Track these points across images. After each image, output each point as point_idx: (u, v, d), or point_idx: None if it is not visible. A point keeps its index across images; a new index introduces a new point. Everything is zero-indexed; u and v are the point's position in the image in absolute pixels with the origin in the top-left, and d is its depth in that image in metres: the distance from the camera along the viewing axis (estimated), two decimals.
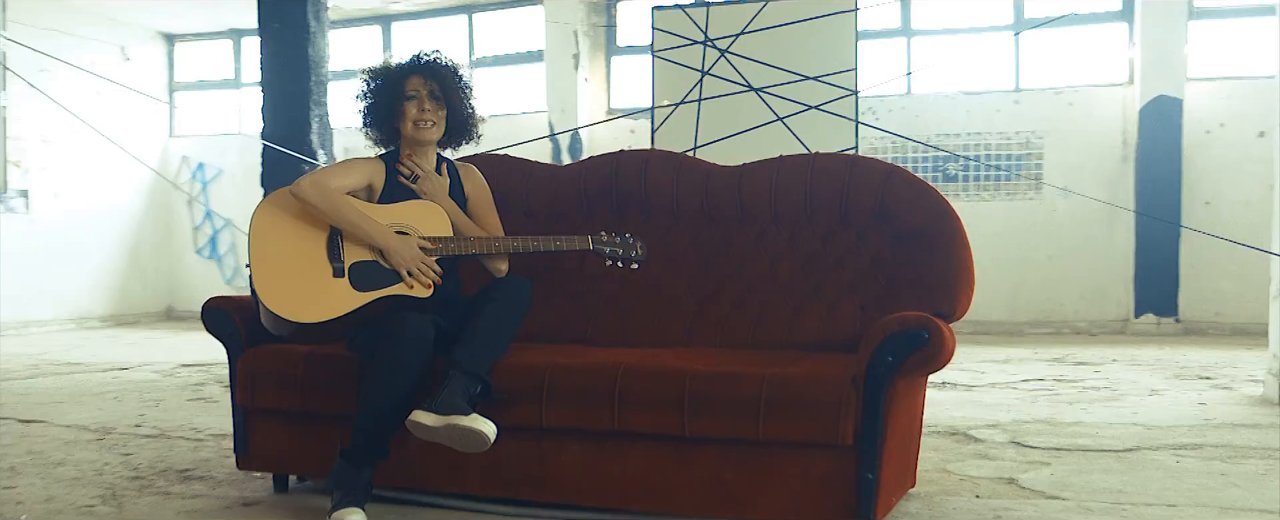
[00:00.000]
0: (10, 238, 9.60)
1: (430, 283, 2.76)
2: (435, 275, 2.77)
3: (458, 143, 3.04)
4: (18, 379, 5.88)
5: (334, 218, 2.75)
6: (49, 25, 10.17)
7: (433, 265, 2.77)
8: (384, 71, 2.97)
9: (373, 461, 2.65)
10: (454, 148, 3.07)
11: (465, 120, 3.00)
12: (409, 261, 2.75)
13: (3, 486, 3.06)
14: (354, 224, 2.75)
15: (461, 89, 2.97)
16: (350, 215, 2.75)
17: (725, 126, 5.14)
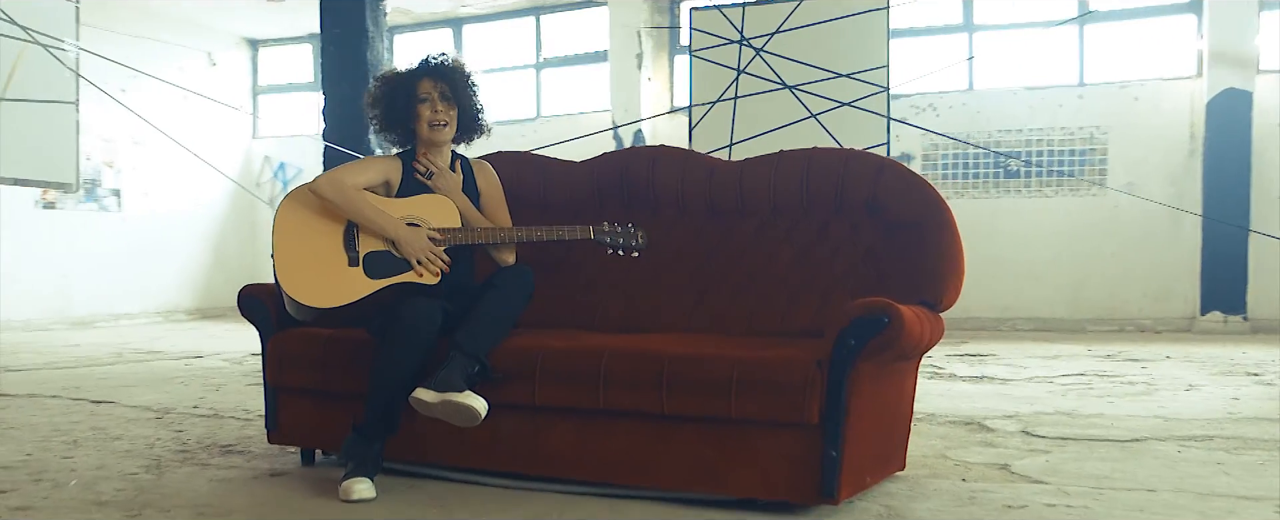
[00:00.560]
0: (104, 235, 10.17)
1: (438, 271, 2.96)
2: (443, 264, 2.97)
3: (469, 138, 3.23)
4: (100, 365, 6.29)
5: (349, 212, 2.96)
6: (139, 33, 10.75)
7: (440, 254, 2.97)
8: (396, 77, 3.16)
9: (383, 436, 2.86)
10: (466, 143, 3.26)
11: (475, 117, 3.19)
12: (418, 251, 2.95)
13: (62, 456, 3.35)
14: (367, 217, 2.96)
15: (470, 88, 3.16)
16: (364, 209, 2.96)
17: (760, 124, 5.25)
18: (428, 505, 2.67)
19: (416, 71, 3.15)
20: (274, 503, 2.73)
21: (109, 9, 10.25)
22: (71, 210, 9.95)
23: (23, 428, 3.92)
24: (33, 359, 6.68)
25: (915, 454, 3.34)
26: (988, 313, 9.24)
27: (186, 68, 11.39)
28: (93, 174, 10.18)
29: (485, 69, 11.35)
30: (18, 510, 2.64)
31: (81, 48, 4.73)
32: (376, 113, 3.17)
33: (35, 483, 2.96)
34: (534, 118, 11.03)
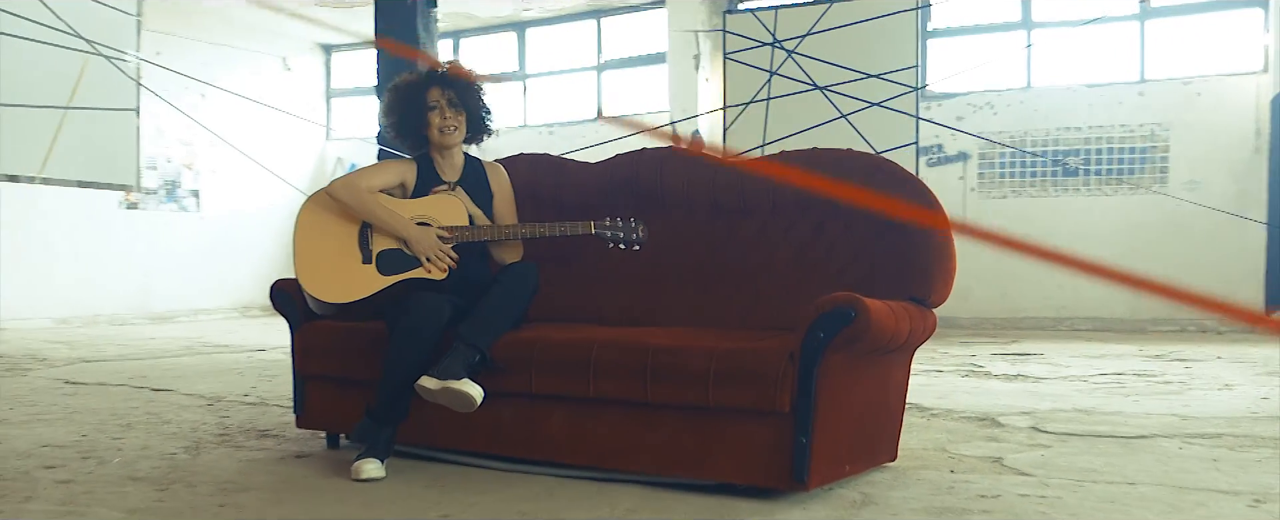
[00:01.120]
0: (183, 234, 10.65)
1: (446, 267, 3.14)
2: (451, 260, 3.15)
3: (477, 140, 3.41)
4: (169, 357, 6.64)
5: (362, 213, 3.16)
6: (218, 40, 11.24)
7: (449, 251, 3.15)
8: (406, 87, 3.35)
9: (393, 421, 3.05)
10: (476, 144, 3.44)
11: (482, 120, 3.37)
12: (428, 249, 3.14)
13: (113, 437, 3.62)
14: (379, 218, 3.16)
15: (475, 93, 3.34)
16: (376, 210, 3.16)
17: (792, 124, 5.36)
18: (430, 486, 2.85)
19: (425, 81, 3.33)
20: (291, 481, 2.93)
21: (189, 18, 10.75)
22: (153, 211, 10.45)
23: (84, 412, 4.22)
24: (110, 351, 7.08)
25: (914, 446, 3.43)
26: (1045, 312, 9.17)
27: (262, 72, 11.85)
28: (173, 176, 10.68)
29: (547, 71, 11.64)
30: (61, 483, 2.89)
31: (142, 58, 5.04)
32: (390, 121, 3.36)
33: (82, 460, 3.22)
34: (595, 119, 11.23)
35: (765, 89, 5.34)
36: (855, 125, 5.14)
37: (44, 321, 9.47)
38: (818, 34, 5.21)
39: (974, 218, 9.46)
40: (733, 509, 2.58)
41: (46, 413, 4.21)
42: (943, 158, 9.57)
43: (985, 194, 9.44)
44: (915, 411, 4.23)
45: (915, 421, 3.97)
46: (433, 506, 2.61)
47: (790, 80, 5.26)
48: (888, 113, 5.16)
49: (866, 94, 5.11)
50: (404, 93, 3.35)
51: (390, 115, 3.37)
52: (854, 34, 5.15)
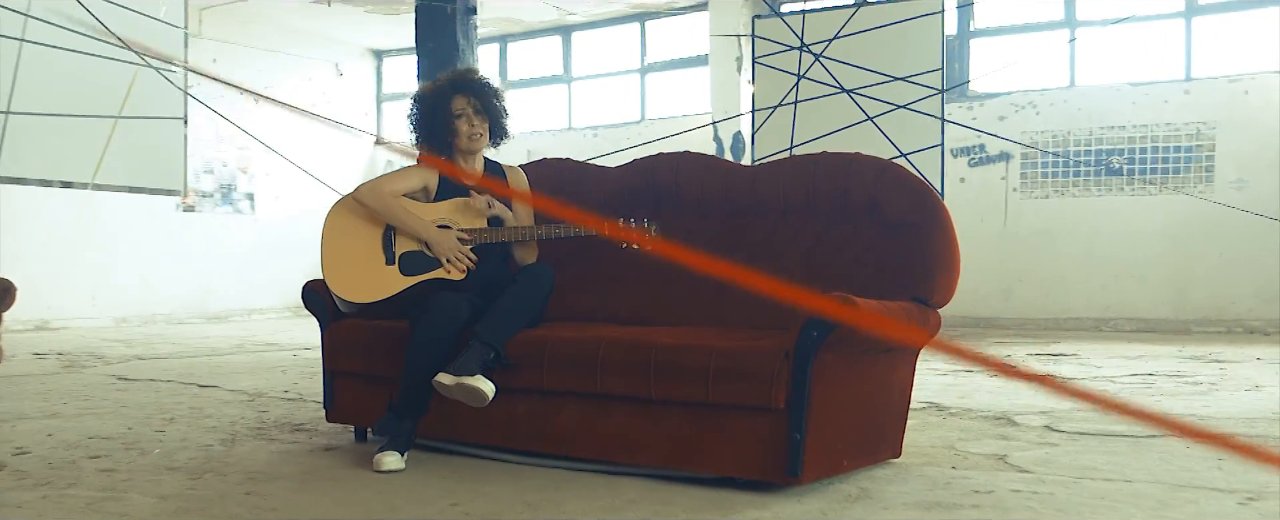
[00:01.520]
0: (238, 236, 10.97)
1: (465, 268, 3.28)
2: (470, 261, 3.29)
3: (496, 143, 3.55)
4: (219, 355, 6.89)
5: (386, 216, 3.32)
6: (273, 47, 11.56)
7: (467, 253, 3.29)
8: (432, 97, 3.49)
9: (414, 414, 3.19)
10: (494, 147, 3.58)
11: (502, 125, 3.51)
12: (447, 250, 3.28)
13: (156, 430, 3.81)
14: (402, 221, 3.31)
15: (497, 99, 3.48)
16: (399, 214, 3.31)
17: (820, 127, 5.43)
18: (446, 477, 2.99)
19: (449, 89, 3.47)
20: (316, 472, 3.09)
21: (245, 26, 11.07)
22: (209, 213, 10.78)
23: (133, 406, 4.44)
24: (164, 349, 7.36)
25: (923, 444, 3.50)
26: (1088, 313, 9.10)
27: (315, 78, 12.16)
28: (228, 180, 11.00)
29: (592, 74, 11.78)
30: (103, 471, 3.07)
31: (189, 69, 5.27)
32: (415, 128, 3.51)
33: (125, 450, 3.41)
34: (639, 120, 11.35)
35: (793, 92, 5.41)
36: (881, 128, 5.20)
37: (105, 321, 9.83)
38: (844, 38, 5.27)
39: (1016, 218, 9.43)
40: (730, 502, 2.68)
41: (97, 406, 4.44)
42: (984, 158, 9.54)
43: (1027, 194, 9.40)
44: (934, 410, 4.29)
45: (931, 420, 4.04)
46: (445, 496, 2.75)
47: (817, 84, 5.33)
48: (914, 115, 5.20)
49: (893, 97, 5.16)
50: (430, 101, 3.49)
51: (418, 123, 3.51)
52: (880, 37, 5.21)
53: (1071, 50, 9.32)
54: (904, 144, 5.10)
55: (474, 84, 3.47)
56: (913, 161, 5.08)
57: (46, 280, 9.35)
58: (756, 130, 5.55)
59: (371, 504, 2.67)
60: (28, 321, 9.14)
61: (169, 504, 2.68)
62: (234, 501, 2.70)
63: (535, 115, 12.25)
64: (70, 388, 5.11)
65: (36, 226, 9.35)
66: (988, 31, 9.70)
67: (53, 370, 5.96)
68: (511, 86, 12.37)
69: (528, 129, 12.15)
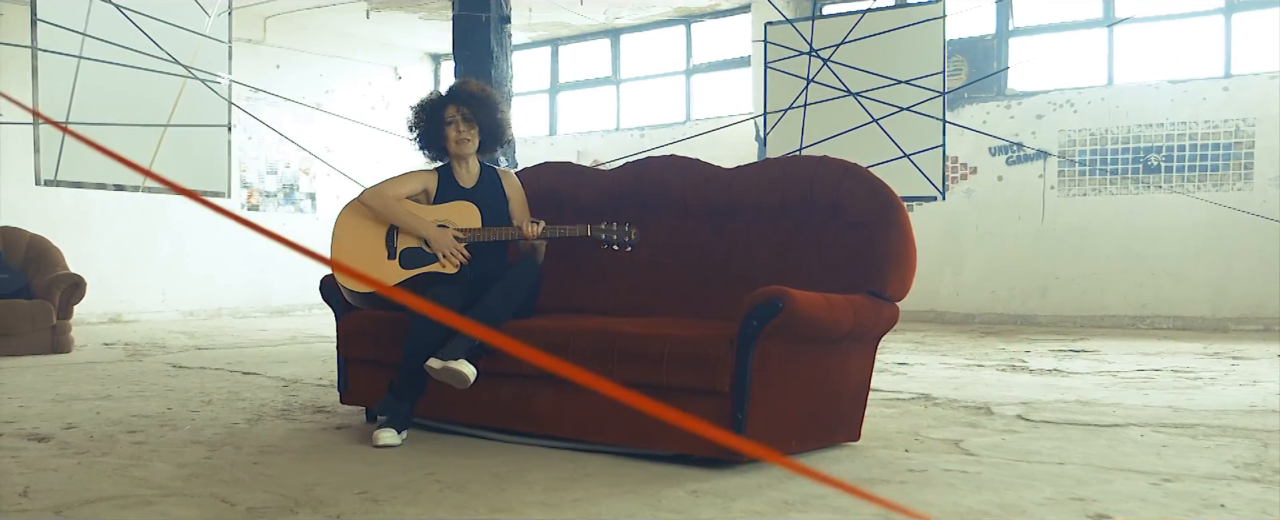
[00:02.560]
0: (300, 234, 11.48)
1: (458, 263, 3.59)
2: (463, 257, 3.60)
3: (492, 149, 3.85)
4: (270, 345, 7.33)
5: (389, 217, 3.64)
6: (333, 52, 12.06)
7: (461, 250, 3.60)
8: (428, 106, 3.80)
9: (411, 396, 3.51)
10: (490, 154, 3.88)
11: (496, 133, 3.81)
12: (444, 247, 3.60)
13: (192, 411, 4.20)
14: (403, 221, 3.63)
15: (489, 108, 3.78)
16: (400, 214, 3.64)
17: (827, 129, 5.64)
18: (434, 452, 3.30)
19: (444, 99, 3.78)
20: (321, 447, 3.43)
21: (306, 33, 11.59)
22: (272, 212, 11.32)
23: (178, 391, 4.85)
24: (222, 340, 7.84)
25: (890, 430, 3.72)
26: (1125, 310, 9.13)
27: (375, 82, 12.64)
28: (291, 180, 11.53)
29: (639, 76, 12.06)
30: (135, 444, 3.45)
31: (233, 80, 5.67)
32: (415, 135, 3.83)
33: (160, 427, 3.79)
34: (684, 121, 11.61)
35: (803, 96, 5.63)
36: (886, 130, 5.38)
37: (173, 315, 10.41)
38: (851, 42, 5.47)
39: (1053, 216, 9.48)
40: (679, 475, 2.95)
41: (147, 390, 4.85)
42: (1021, 156, 9.61)
43: (1065, 192, 9.45)
44: (921, 401, 4.50)
45: (913, 409, 4.25)
46: (425, 467, 3.06)
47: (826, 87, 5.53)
48: (916, 117, 5.38)
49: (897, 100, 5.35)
50: (427, 110, 3.81)
51: (414, 129, 3.83)
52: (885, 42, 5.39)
53: (1109, 48, 9.34)
54: (907, 145, 5.28)
55: (464, 95, 3.77)
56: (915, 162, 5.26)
57: (120, 277, 9.95)
58: (768, 132, 5.78)
59: (358, 473, 2.99)
60: (102, 315, 9.75)
61: (184, 470, 3.03)
62: (241, 470, 3.04)
63: (585, 116, 12.60)
64: (127, 374, 5.56)
65: (111, 227, 9.95)
66: (1026, 30, 9.76)
67: (117, 359, 6.44)
68: (562, 89, 12.73)
69: (578, 130, 12.49)
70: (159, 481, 2.88)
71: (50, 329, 6.69)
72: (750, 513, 2.51)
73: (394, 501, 2.63)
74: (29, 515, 2.50)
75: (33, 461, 3.17)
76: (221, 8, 5.41)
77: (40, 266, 7.02)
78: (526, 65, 13.01)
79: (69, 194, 9.25)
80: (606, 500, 2.65)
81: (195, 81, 5.35)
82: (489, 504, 2.60)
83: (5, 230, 7.20)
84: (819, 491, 2.73)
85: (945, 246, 9.94)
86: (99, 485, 2.83)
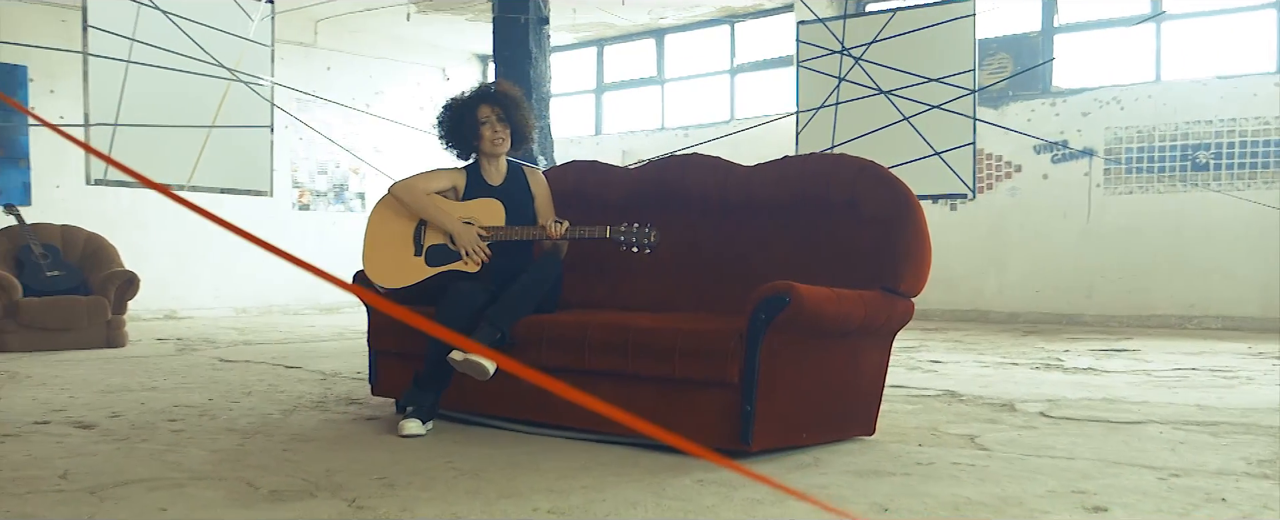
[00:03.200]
0: (349, 232, 11.70)
1: (479, 260, 3.69)
2: (485, 254, 3.70)
3: (519, 148, 3.95)
4: (317, 342, 7.52)
5: (418, 211, 3.76)
6: (384, 54, 12.29)
7: (483, 248, 3.70)
8: (460, 105, 3.91)
9: (436, 388, 3.62)
10: (516, 153, 3.98)
11: (524, 132, 3.91)
12: (468, 243, 3.70)
13: (232, 402, 4.36)
14: (431, 215, 3.74)
15: (521, 109, 3.87)
16: (429, 209, 3.75)
17: (858, 127, 5.66)
18: (456, 442, 3.41)
19: (476, 98, 3.88)
20: (349, 436, 3.55)
21: (357, 35, 11.83)
22: (322, 212, 11.57)
23: (221, 383, 5.02)
24: (271, 336, 8.05)
25: (908, 425, 3.75)
26: (1173, 310, 9.01)
27: (423, 82, 12.85)
28: (341, 180, 11.78)
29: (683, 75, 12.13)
30: (173, 431, 3.60)
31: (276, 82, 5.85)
32: (444, 133, 3.94)
33: (200, 417, 3.95)
34: (728, 119, 11.66)
35: (834, 94, 5.65)
36: (917, 127, 5.39)
37: (226, 311, 10.69)
38: (883, 41, 5.48)
39: (1099, 215, 9.38)
40: (687, 465, 3.01)
41: (191, 383, 5.03)
42: (1067, 154, 9.52)
43: (1111, 190, 9.34)
44: (945, 398, 4.52)
45: (936, 405, 4.27)
46: (445, 455, 3.16)
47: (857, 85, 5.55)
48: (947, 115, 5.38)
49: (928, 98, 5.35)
50: (459, 109, 3.92)
51: (445, 128, 3.94)
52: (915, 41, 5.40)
53: (1157, 44, 9.22)
54: (939, 143, 5.29)
55: (498, 95, 3.87)
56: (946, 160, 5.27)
57: (175, 274, 10.24)
58: (800, 131, 5.82)
59: (380, 460, 3.10)
60: (157, 311, 10.04)
61: (216, 456, 3.16)
62: (270, 456, 3.17)
63: (630, 116, 12.69)
64: (175, 367, 5.75)
65: (166, 226, 10.24)
66: (1071, 27, 9.66)
67: (167, 353, 6.65)
68: (607, 89, 12.84)
69: (623, 129, 12.59)
70: (191, 466, 3.01)
71: (105, 324, 6.93)
72: (751, 500, 2.57)
73: (409, 487, 2.73)
74: (65, 495, 2.64)
75: (75, 447, 3.32)
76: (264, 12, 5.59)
77: (96, 264, 7.27)
78: (572, 66, 13.15)
79: (126, 194, 9.56)
80: (613, 487, 2.73)
81: (239, 84, 5.53)
82: (500, 489, 2.69)
83: (64, 229, 7.46)
84: (820, 482, 2.78)
85: (989, 246, 9.88)
86: (134, 468, 2.97)
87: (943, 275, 10.01)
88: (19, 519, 2.39)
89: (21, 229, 7.15)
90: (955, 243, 9.84)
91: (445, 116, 3.95)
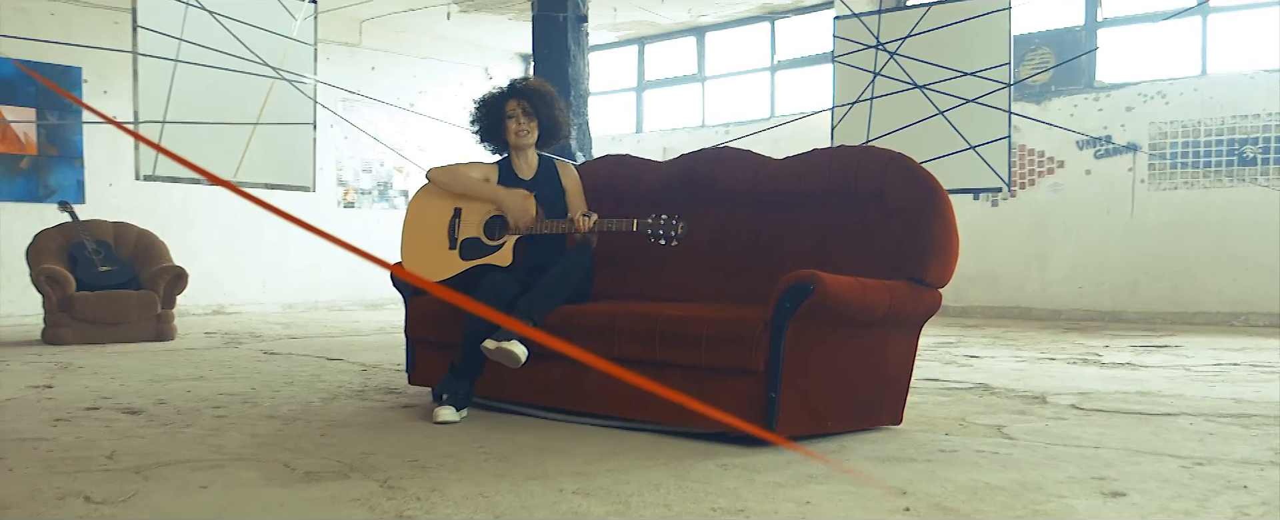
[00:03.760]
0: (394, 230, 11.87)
1: (529, 222, 3.75)
2: (531, 216, 3.76)
3: (551, 143, 4.02)
4: (360, 336, 7.66)
5: (459, 189, 3.86)
6: (428, 54, 12.45)
7: (530, 208, 3.76)
8: (489, 101, 3.99)
9: (470, 376, 3.71)
10: (549, 147, 4.05)
11: (554, 126, 3.98)
12: (514, 207, 3.77)
13: (274, 391, 4.47)
14: (475, 191, 3.84)
15: (548, 103, 3.95)
16: (468, 185, 3.85)
17: (893, 121, 5.67)
18: (489, 428, 3.49)
19: (504, 93, 3.97)
20: (385, 422, 3.64)
21: (402, 36, 12.00)
22: (367, 209, 11.75)
23: (266, 374, 5.15)
24: (315, 330, 8.21)
25: (937, 416, 3.78)
26: (1218, 307, 8.89)
27: (466, 81, 12.99)
28: (385, 178, 11.96)
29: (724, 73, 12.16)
30: (216, 417, 3.72)
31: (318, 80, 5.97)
32: (477, 129, 4.03)
33: (242, 404, 4.06)
34: (769, 116, 11.67)
35: (869, 89, 5.67)
36: (951, 122, 5.39)
37: (274, 307, 10.90)
38: (918, 35, 5.48)
39: (1142, 210, 9.28)
40: (712, 451, 3.07)
41: (237, 373, 5.16)
42: (1111, 149, 9.42)
43: (1155, 186, 9.23)
44: (979, 390, 4.52)
45: (966, 398, 4.28)
46: (477, 440, 3.24)
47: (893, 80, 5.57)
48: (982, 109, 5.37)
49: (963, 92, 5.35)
50: (488, 105, 4.00)
51: (476, 124, 4.02)
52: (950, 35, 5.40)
53: (1202, 37, 9.10)
54: (974, 137, 5.28)
55: (524, 89, 3.95)
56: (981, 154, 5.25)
57: (224, 271, 10.47)
58: (836, 126, 5.84)
59: (413, 444, 3.18)
60: (206, 306, 10.27)
61: (256, 440, 3.27)
62: (308, 440, 3.27)
63: (671, 114, 12.74)
64: (221, 359, 5.90)
65: (216, 223, 10.46)
66: (1115, 21, 9.56)
67: (214, 346, 6.82)
68: (648, 87, 12.91)
69: (664, 127, 12.65)
70: (231, 448, 3.12)
71: (155, 318, 7.12)
72: (772, 484, 2.62)
73: (440, 469, 2.81)
74: (111, 473, 2.75)
75: (122, 430, 3.45)
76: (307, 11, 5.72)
77: (147, 259, 7.47)
78: (613, 64, 13.22)
79: (177, 191, 9.78)
80: (638, 470, 2.79)
81: (283, 82, 5.67)
82: (527, 472, 2.77)
83: (116, 225, 7.67)
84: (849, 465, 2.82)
85: (1031, 242, 9.80)
86: (177, 450, 3.08)
87: (984, 272, 9.98)
88: (69, 495, 2.50)
89: (76, 226, 7.36)
90: (997, 239, 9.78)
91: (477, 113, 4.04)
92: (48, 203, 8.88)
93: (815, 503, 2.42)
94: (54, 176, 9.33)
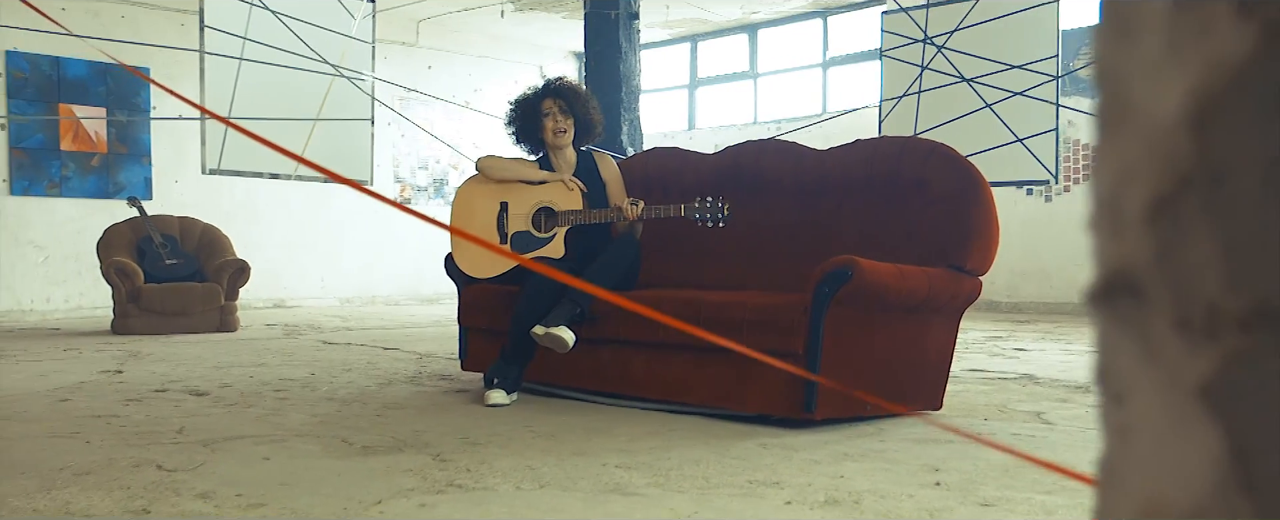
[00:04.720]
0: None
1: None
2: (580, 185, 3.88)
3: (586, 141, 4.13)
4: (416, 328, 7.84)
5: (508, 174, 3.99)
6: (484, 53, 12.65)
7: (577, 182, 3.89)
8: (526, 101, 4.11)
9: (520, 361, 3.83)
10: (585, 145, 4.16)
11: (589, 124, 4.09)
12: (564, 175, 3.90)
13: (332, 376, 4.64)
14: (525, 174, 3.97)
15: (583, 101, 4.06)
16: (516, 169, 3.98)
17: (941, 115, 5.70)
18: (538, 411, 3.60)
19: (540, 93, 4.08)
20: (437, 405, 3.78)
21: (457, 35, 12.21)
22: (423, 205, 11.96)
23: (324, 362, 5.32)
24: (372, 323, 8.41)
25: (979, 403, 3.82)
26: None
27: (521, 80, 13.16)
28: (441, 174, 12.17)
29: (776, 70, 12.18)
30: (278, 399, 3.88)
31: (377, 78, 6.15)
32: (513, 129, 4.14)
33: (302, 389, 4.23)
34: (820, 113, 11.69)
35: (917, 83, 5.69)
36: (999, 115, 5.40)
37: (332, 301, 11.15)
38: (965, 29, 5.50)
39: None
40: (754, 432, 3.15)
41: (296, 360, 5.34)
42: None
43: None
44: (1024, 380, 4.55)
45: (1010, 386, 4.31)
46: (525, 421, 3.36)
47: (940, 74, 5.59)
48: (1030, 101, 5.37)
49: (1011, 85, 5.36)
50: (524, 105, 4.12)
51: (513, 124, 4.14)
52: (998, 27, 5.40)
53: None
54: (1021, 130, 5.29)
55: (559, 88, 4.07)
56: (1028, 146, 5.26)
57: (284, 265, 10.74)
58: (884, 120, 5.87)
59: (464, 424, 3.31)
60: (266, 300, 10.54)
61: (315, 419, 3.42)
62: (364, 420, 3.41)
63: (723, 110, 12.81)
64: (282, 348, 6.10)
65: (277, 218, 10.74)
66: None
67: (275, 336, 7.03)
68: (701, 84, 12.98)
69: (717, 124, 12.72)
70: (292, 426, 3.27)
71: (218, 309, 7.36)
72: (809, 461, 2.70)
73: (489, 445, 2.93)
74: (181, 445, 2.91)
75: (190, 409, 3.62)
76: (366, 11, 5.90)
77: (211, 253, 7.71)
78: (666, 61, 13.32)
79: (240, 187, 10.07)
80: (679, 448, 2.88)
81: (342, 79, 5.84)
82: (573, 448, 2.87)
83: (182, 220, 7.93)
84: (878, 447, 2.89)
85: (1085, 238, 9.71)
86: (242, 427, 3.24)
87: (1037, 267, 9.92)
88: (143, 463, 2.66)
89: (143, 220, 7.63)
90: (1050, 235, 9.72)
91: (514, 113, 4.15)
92: (117, 198, 9.20)
93: (849, 477, 2.50)
94: (123, 173, 9.65)
